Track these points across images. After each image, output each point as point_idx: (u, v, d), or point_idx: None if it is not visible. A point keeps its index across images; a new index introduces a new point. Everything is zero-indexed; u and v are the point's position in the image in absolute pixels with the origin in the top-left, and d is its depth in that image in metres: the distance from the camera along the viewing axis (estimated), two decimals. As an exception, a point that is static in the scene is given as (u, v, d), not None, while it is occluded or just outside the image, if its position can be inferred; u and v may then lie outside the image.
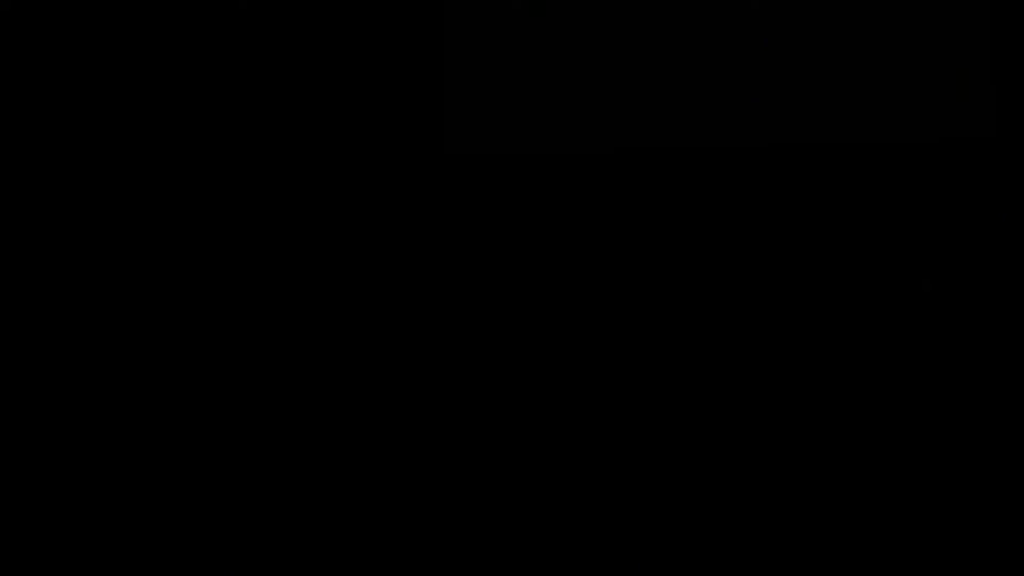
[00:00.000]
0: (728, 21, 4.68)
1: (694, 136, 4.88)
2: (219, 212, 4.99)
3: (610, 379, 5.20)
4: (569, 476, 4.46)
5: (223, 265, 4.96)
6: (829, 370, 4.90)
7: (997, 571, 3.01)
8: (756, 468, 4.50)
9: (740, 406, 4.96)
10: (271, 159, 5.03)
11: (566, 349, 4.97)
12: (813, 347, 4.89)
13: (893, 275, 4.75)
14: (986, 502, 3.61)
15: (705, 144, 4.89)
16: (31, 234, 4.84)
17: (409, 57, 4.41)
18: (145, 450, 4.46)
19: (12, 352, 4.71)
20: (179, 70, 4.81)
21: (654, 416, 5.19)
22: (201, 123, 4.90)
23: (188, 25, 4.69)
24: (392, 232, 4.47)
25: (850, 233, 4.85)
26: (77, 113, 4.75)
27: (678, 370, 5.03)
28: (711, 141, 4.90)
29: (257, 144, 5.03)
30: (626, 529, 3.46)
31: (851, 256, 4.86)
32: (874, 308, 4.79)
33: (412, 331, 4.43)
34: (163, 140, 4.89)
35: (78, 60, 4.66)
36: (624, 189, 5.02)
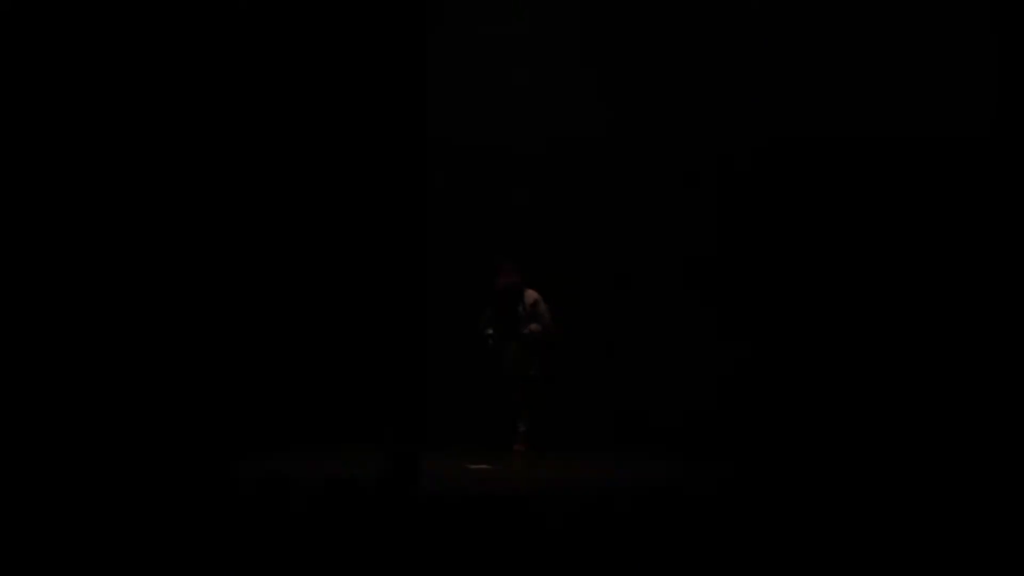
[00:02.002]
0: (728, 21, 4.67)
1: (696, 136, 4.86)
2: (218, 209, 4.97)
3: (607, 375, 5.18)
4: (567, 476, 4.46)
5: (219, 262, 4.94)
6: (829, 369, 4.88)
7: (997, 571, 3.02)
8: (755, 467, 4.49)
9: (740, 404, 4.95)
10: (269, 157, 5.01)
11: (563, 347, 4.95)
12: (813, 345, 4.89)
13: (893, 275, 4.74)
14: (986, 501, 3.61)
15: (705, 144, 4.88)
16: (31, 234, 4.83)
17: (404, 57, 4.40)
18: (143, 448, 4.46)
19: (12, 351, 4.70)
20: (179, 70, 4.80)
21: (653, 414, 5.17)
22: (199, 122, 4.89)
23: (188, 25, 4.69)
24: (385, 227, 4.43)
25: (850, 232, 4.85)
26: (77, 113, 4.74)
27: (677, 368, 5.02)
28: (712, 141, 4.89)
29: (255, 142, 5.01)
30: (624, 527, 3.46)
31: (851, 255, 4.86)
32: (875, 308, 4.79)
33: (408, 329, 4.42)
34: (161, 140, 4.87)
35: (78, 60, 4.66)
36: (624, 189, 5.01)
